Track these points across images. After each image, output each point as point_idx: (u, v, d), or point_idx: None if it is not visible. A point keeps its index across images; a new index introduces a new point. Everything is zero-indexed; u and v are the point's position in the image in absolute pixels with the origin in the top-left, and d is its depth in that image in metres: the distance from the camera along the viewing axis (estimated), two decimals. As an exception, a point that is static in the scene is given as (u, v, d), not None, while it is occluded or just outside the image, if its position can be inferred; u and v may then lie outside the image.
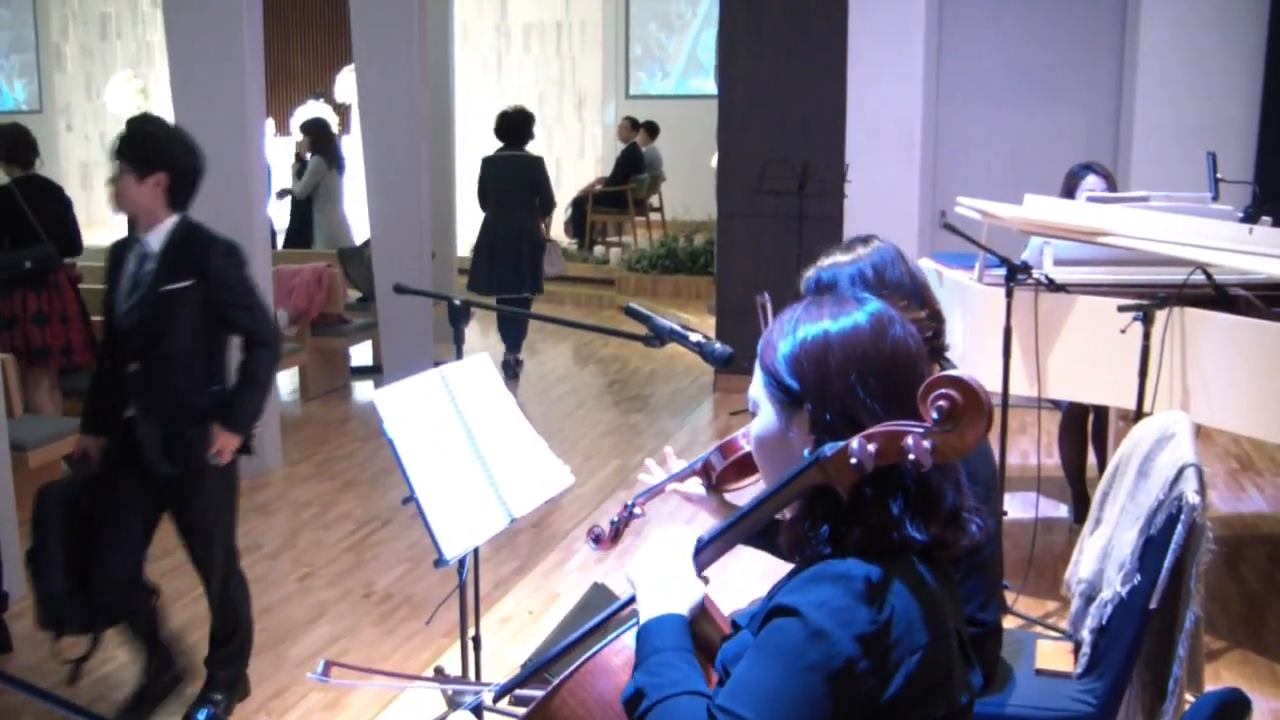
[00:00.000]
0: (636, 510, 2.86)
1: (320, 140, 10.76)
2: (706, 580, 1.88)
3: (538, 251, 9.19)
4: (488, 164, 9.15)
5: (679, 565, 1.85)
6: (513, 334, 9.34)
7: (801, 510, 1.76)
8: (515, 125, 9.05)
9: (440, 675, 3.98)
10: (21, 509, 4.87)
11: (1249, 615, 4.80)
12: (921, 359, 1.79)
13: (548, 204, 9.41)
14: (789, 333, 1.80)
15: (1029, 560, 4.92)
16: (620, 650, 1.83)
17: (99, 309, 6.46)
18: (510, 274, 9.00)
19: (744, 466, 2.78)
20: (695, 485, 2.84)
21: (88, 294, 6.81)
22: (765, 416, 1.84)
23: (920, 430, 1.64)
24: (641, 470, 2.98)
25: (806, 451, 1.72)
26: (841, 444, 1.67)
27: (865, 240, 2.84)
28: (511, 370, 9.16)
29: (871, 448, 1.64)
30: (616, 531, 2.87)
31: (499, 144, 9.08)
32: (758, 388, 1.86)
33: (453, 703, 3.94)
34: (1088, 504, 5.51)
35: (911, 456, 1.62)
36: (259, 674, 4.41)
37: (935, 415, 1.63)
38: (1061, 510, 5.85)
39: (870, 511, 1.69)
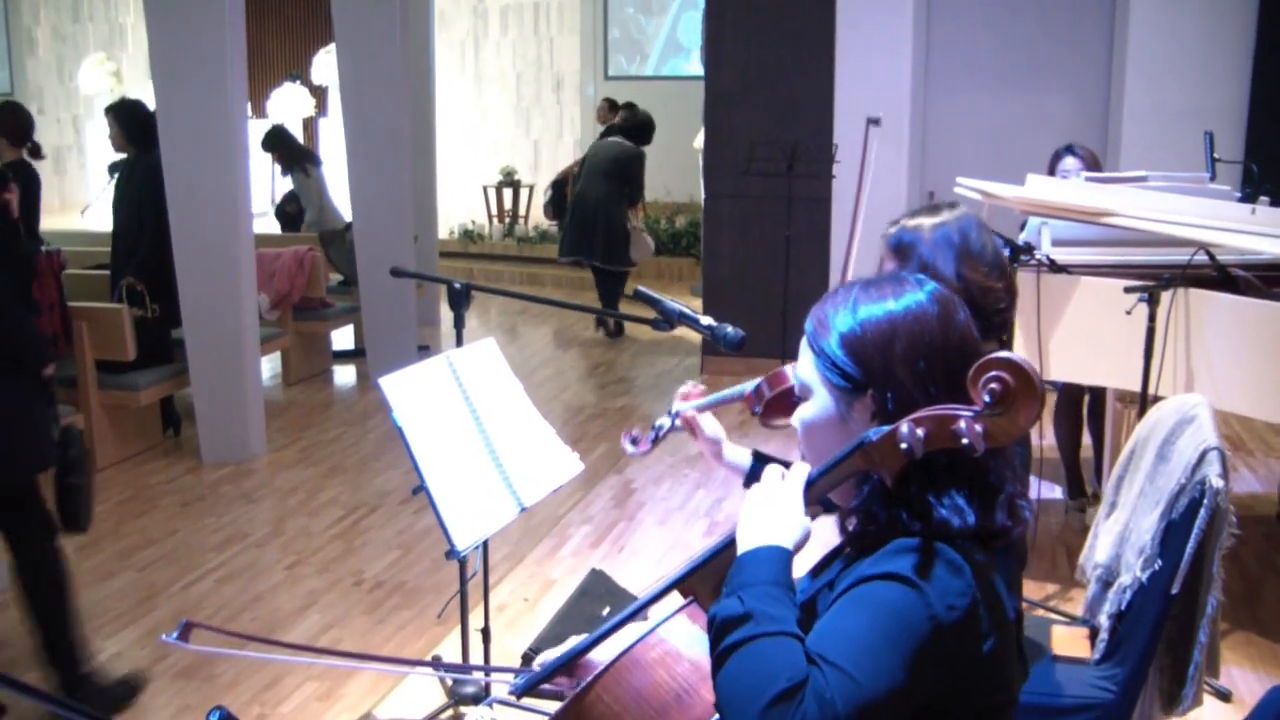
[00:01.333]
0: (678, 423, 2.78)
1: (291, 150, 10.39)
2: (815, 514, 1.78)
3: (615, 230, 10.11)
4: (596, 146, 10.54)
5: (792, 496, 1.69)
6: (605, 297, 10.27)
7: (863, 500, 1.68)
8: (641, 125, 10.47)
9: (437, 662, 3.93)
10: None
11: (1247, 596, 4.78)
12: (981, 345, 1.73)
13: (635, 194, 10.56)
14: (848, 312, 1.72)
15: (1032, 542, 4.89)
16: (656, 644, 1.74)
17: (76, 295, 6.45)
18: (583, 241, 10.10)
19: (788, 403, 2.72)
20: (706, 424, 2.76)
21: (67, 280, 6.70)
22: (820, 401, 1.75)
23: (971, 414, 1.56)
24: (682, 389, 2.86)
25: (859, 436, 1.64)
26: (888, 428, 1.59)
27: (952, 205, 2.80)
28: (609, 329, 10.21)
29: (920, 432, 1.57)
30: (656, 438, 2.80)
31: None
32: (809, 369, 1.76)
33: (452, 693, 3.90)
34: (1082, 485, 5.57)
35: (965, 441, 1.54)
36: (251, 665, 4.34)
37: (987, 398, 1.56)
38: (1056, 492, 5.82)
39: (928, 499, 1.62)
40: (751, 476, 2.76)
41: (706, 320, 2.98)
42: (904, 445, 1.56)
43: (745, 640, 1.52)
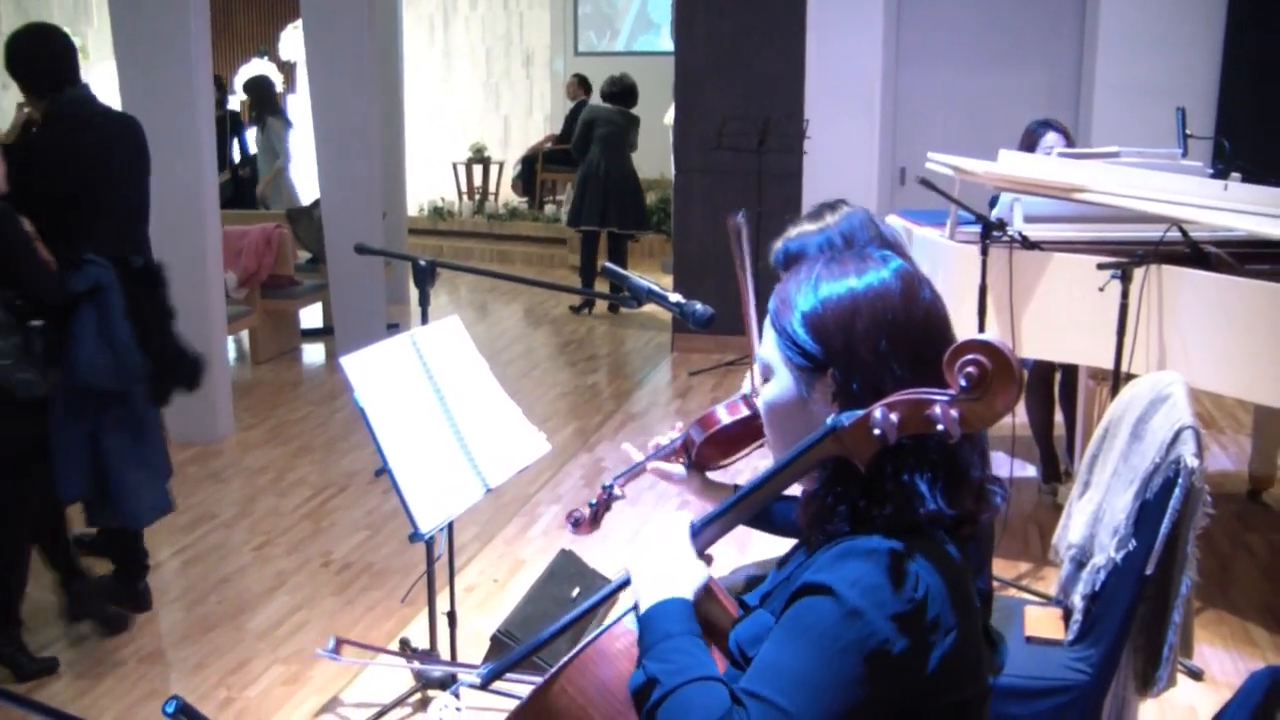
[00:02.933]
0: (616, 491, 2.75)
1: (267, 99, 10.54)
2: (709, 560, 1.76)
3: (641, 196, 10.55)
4: (603, 114, 10.47)
5: (678, 547, 1.71)
6: (620, 262, 10.18)
7: (822, 484, 1.63)
8: (630, 89, 10.53)
9: (421, 653, 3.89)
10: None
11: (1219, 574, 4.77)
12: (949, 321, 1.68)
13: None
14: (809, 290, 1.67)
15: (1004, 522, 4.87)
16: (621, 634, 1.71)
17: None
18: (615, 209, 10.19)
19: (726, 442, 2.68)
20: (673, 465, 2.73)
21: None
22: (781, 382, 1.70)
23: (946, 398, 1.51)
24: (618, 450, 2.84)
25: (830, 418, 1.59)
26: (861, 413, 1.54)
27: (833, 207, 2.72)
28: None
29: (894, 417, 1.52)
30: (595, 514, 2.76)
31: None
32: (771, 349, 1.71)
33: (420, 677, 3.85)
34: (1056, 463, 5.56)
35: (940, 427, 1.49)
36: (218, 648, 4.29)
37: (963, 382, 1.50)
38: (1030, 470, 5.81)
39: (893, 485, 1.58)
40: None
41: (675, 298, 2.93)
42: (877, 431, 1.52)
43: (658, 703, 1.53)
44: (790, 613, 1.54)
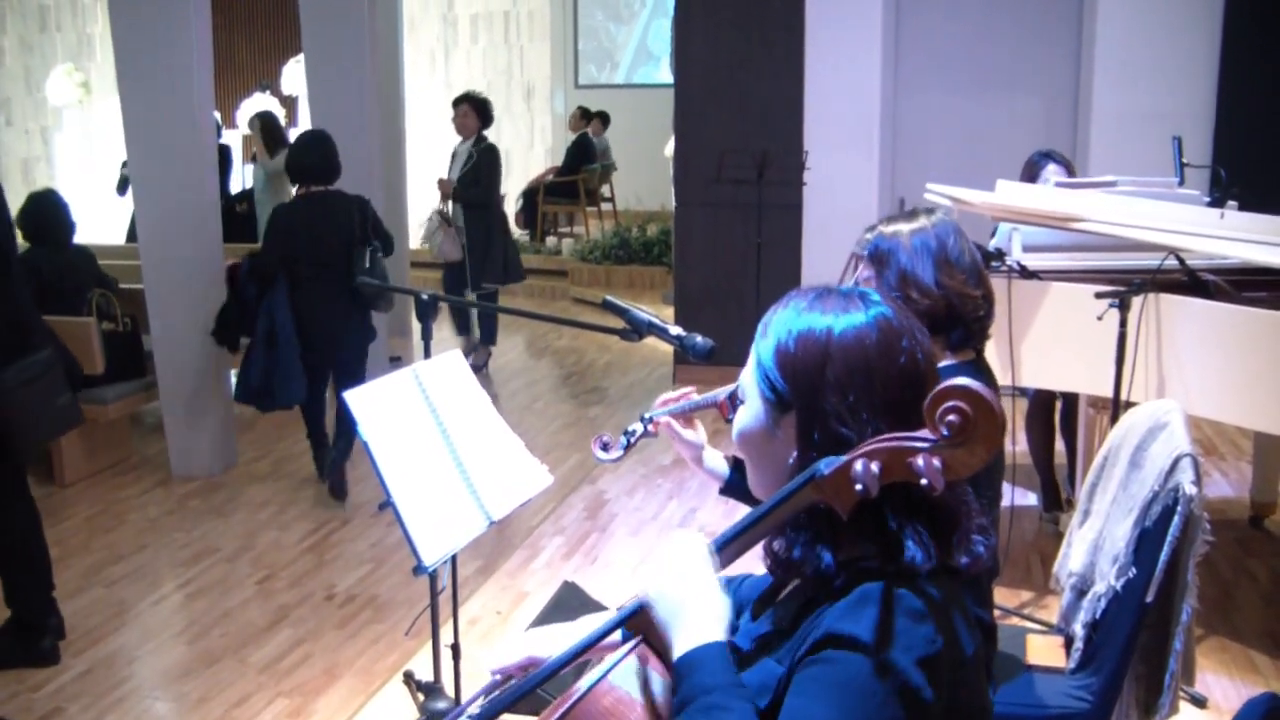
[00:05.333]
0: (651, 429, 2.73)
1: (274, 132, 10.56)
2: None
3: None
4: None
5: (704, 580, 1.60)
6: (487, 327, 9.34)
7: (795, 528, 1.60)
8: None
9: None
10: None
11: (1221, 601, 4.77)
12: (931, 379, 1.61)
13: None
14: (790, 323, 1.64)
15: (1005, 550, 4.88)
16: (607, 691, 1.63)
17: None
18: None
19: None
20: (688, 429, 2.73)
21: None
22: (751, 409, 1.69)
23: (928, 445, 1.47)
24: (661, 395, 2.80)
25: (791, 459, 1.58)
26: (841, 461, 1.51)
27: (929, 211, 2.75)
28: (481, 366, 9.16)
29: (875, 468, 1.48)
30: (629, 444, 2.75)
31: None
32: (748, 375, 1.70)
33: (424, 709, 3.86)
34: (1056, 492, 5.56)
35: (924, 481, 1.46)
36: (221, 681, 4.30)
37: (945, 431, 1.46)
38: (1031, 499, 5.82)
39: (875, 532, 1.55)
40: (730, 486, 2.73)
41: (676, 330, 2.94)
42: (859, 486, 1.48)
43: None
44: (817, 669, 1.50)
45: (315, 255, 5.99)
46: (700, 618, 1.57)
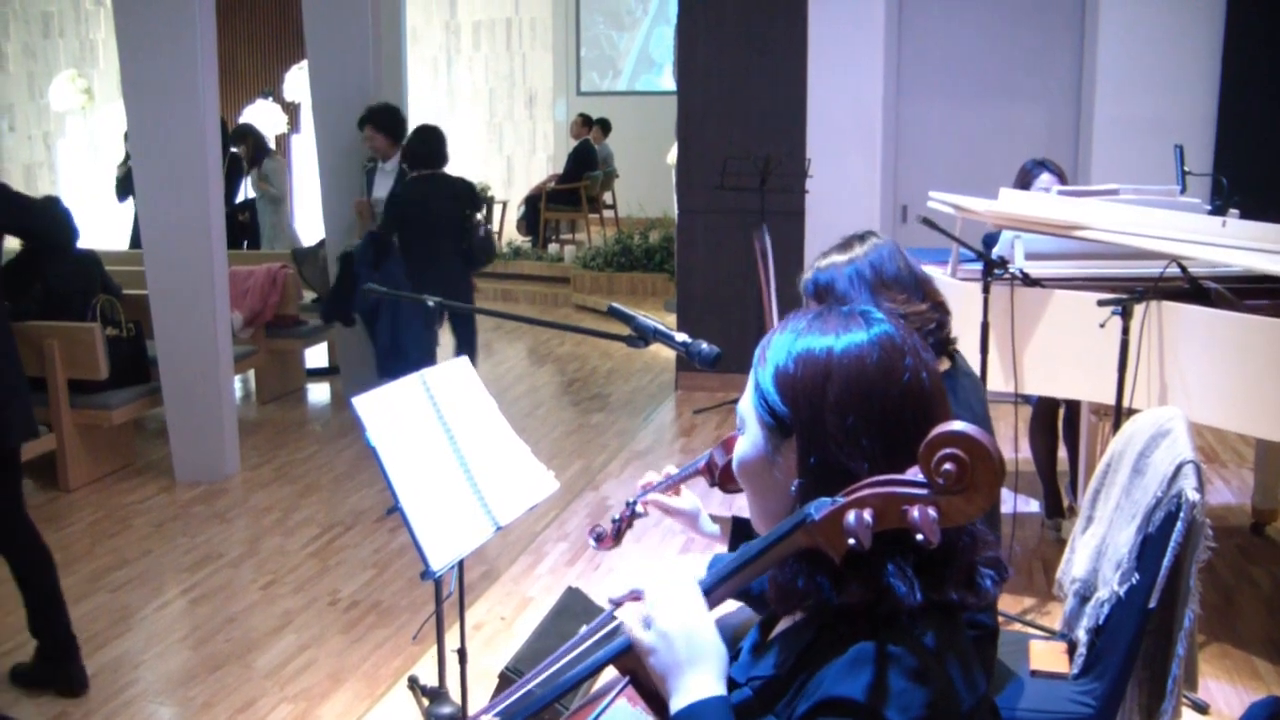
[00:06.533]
0: (639, 509, 2.75)
1: (261, 145, 10.51)
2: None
3: None
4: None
5: (700, 625, 1.54)
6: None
7: (793, 568, 1.54)
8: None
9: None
10: None
11: (1223, 607, 4.79)
12: (938, 398, 1.57)
13: None
14: (789, 345, 1.59)
15: (1009, 558, 4.88)
16: None
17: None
18: None
19: None
20: (678, 499, 2.73)
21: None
22: (751, 437, 1.63)
23: (925, 493, 1.42)
24: (645, 475, 2.82)
25: (794, 486, 1.54)
26: (830, 507, 1.46)
27: (862, 238, 2.78)
28: None
29: (868, 517, 1.42)
30: (618, 530, 2.77)
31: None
32: (747, 402, 1.64)
33: (429, 715, 3.87)
34: (1059, 499, 5.58)
35: (919, 536, 1.40)
36: (225, 686, 4.31)
37: (941, 481, 1.41)
38: (1033, 505, 5.83)
39: (870, 574, 1.49)
40: (736, 536, 2.65)
41: (681, 337, 2.95)
42: (851, 540, 1.43)
43: None
44: None
45: (428, 225, 7.14)
46: (701, 670, 1.53)
